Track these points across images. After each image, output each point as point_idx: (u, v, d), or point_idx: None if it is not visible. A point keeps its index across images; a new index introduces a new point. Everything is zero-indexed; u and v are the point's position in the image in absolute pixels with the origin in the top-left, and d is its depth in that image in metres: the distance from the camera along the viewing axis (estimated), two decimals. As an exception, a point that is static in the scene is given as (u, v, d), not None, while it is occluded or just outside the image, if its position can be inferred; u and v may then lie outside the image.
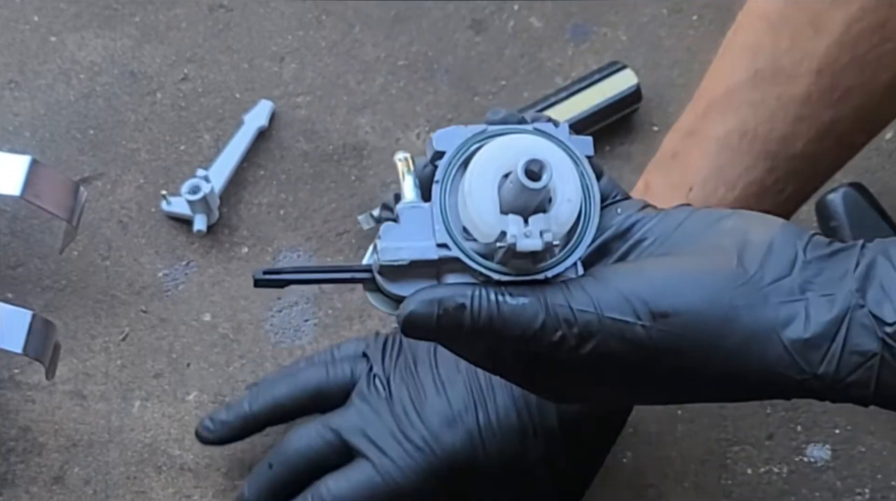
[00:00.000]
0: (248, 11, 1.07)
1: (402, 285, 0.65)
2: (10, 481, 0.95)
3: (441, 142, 0.66)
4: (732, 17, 1.05)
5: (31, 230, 1.01)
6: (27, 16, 1.07)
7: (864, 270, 0.63)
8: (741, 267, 0.63)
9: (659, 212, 0.68)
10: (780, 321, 0.62)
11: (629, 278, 0.64)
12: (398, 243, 0.65)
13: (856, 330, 0.62)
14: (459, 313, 0.64)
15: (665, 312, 0.62)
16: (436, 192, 0.65)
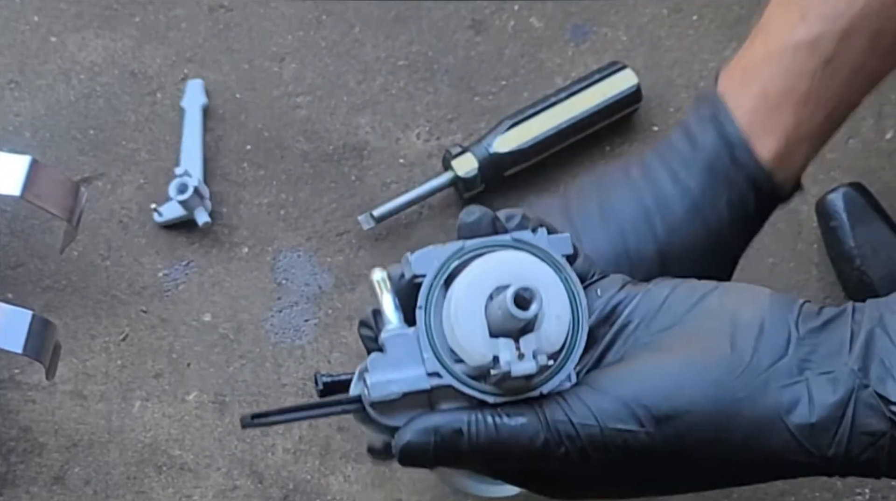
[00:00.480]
0: (248, 11, 1.07)
1: (395, 417, 0.64)
2: (10, 481, 0.95)
3: (419, 265, 0.64)
4: (732, 17, 1.06)
5: (32, 230, 1.01)
6: (27, 16, 1.07)
7: (862, 345, 0.62)
8: (736, 353, 0.62)
9: (639, 288, 0.67)
10: (784, 406, 0.61)
11: (627, 384, 0.62)
12: (388, 376, 0.63)
13: (862, 411, 0.61)
14: (457, 438, 0.62)
15: (667, 415, 0.61)
16: (420, 318, 0.64)
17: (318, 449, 0.96)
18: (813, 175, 1.01)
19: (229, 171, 1.02)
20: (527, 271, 0.62)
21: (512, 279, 0.61)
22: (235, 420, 0.96)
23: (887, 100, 1.03)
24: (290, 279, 1.00)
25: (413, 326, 0.64)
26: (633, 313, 0.65)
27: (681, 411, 0.61)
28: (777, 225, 1.00)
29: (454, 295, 0.62)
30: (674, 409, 0.61)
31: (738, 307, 0.64)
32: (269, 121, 1.04)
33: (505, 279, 0.61)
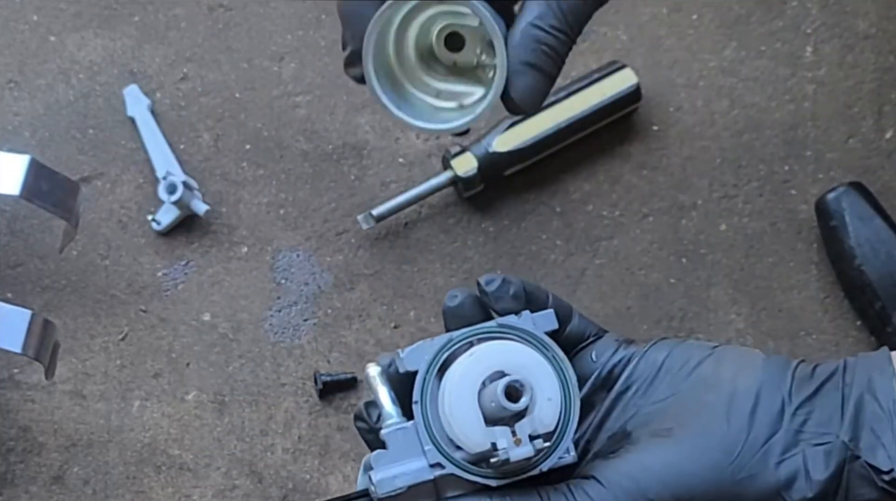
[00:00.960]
0: (248, 11, 1.07)
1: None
2: (9, 480, 0.95)
3: (411, 361, 0.67)
4: (732, 17, 1.06)
5: (31, 230, 1.01)
6: (27, 16, 1.07)
7: (852, 414, 0.63)
8: (732, 430, 0.64)
9: (634, 349, 0.68)
10: (783, 482, 0.63)
11: (630, 477, 0.64)
12: (392, 472, 0.65)
13: (855, 482, 0.63)
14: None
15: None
16: (417, 412, 0.66)
17: (318, 449, 0.95)
18: (813, 175, 1.01)
19: (229, 170, 1.02)
20: (515, 359, 0.65)
21: (501, 368, 0.64)
22: (235, 420, 0.96)
23: (887, 100, 1.03)
24: (289, 279, 1.00)
25: (411, 416, 0.67)
26: (630, 378, 0.67)
27: (683, 499, 0.63)
28: (777, 225, 1.00)
29: (447, 389, 0.65)
30: (677, 499, 0.63)
31: (734, 377, 0.65)
32: (269, 120, 1.04)
33: (494, 369, 0.64)
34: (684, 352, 0.67)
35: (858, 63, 1.04)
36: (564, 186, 1.01)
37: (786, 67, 1.04)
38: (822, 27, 1.05)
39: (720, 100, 1.03)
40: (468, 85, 0.72)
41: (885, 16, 1.05)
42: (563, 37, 0.67)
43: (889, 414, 0.63)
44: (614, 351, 0.68)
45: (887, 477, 0.62)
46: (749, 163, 1.02)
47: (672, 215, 1.01)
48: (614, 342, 0.69)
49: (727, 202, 1.01)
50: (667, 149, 1.02)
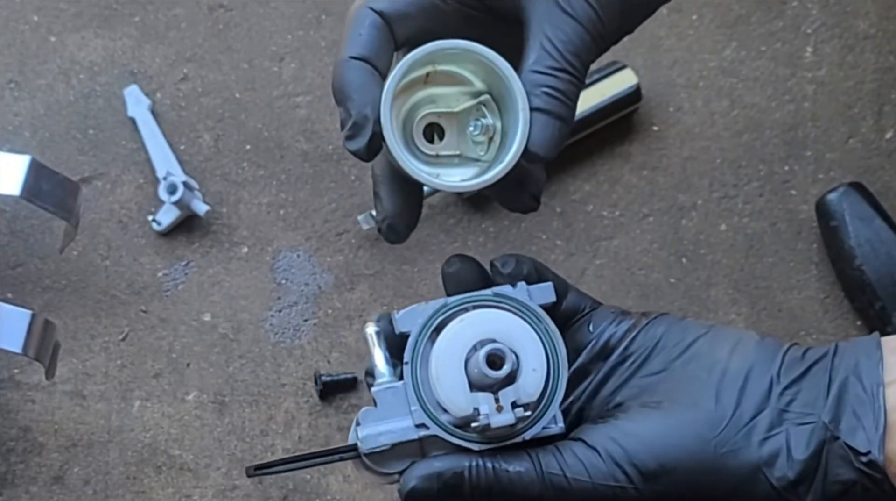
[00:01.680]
0: (248, 11, 1.07)
1: (389, 465, 0.67)
2: (10, 481, 0.95)
3: (404, 323, 0.68)
4: (732, 17, 1.06)
5: (31, 230, 1.01)
6: (27, 16, 1.07)
7: (836, 395, 0.64)
8: (720, 407, 0.65)
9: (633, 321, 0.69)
10: (764, 459, 0.64)
11: (619, 442, 0.65)
12: (378, 429, 0.67)
13: (834, 462, 0.64)
14: (458, 483, 0.66)
15: (655, 472, 0.64)
16: (407, 373, 0.67)
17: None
18: (813, 175, 1.02)
19: (229, 171, 1.02)
20: (503, 328, 0.66)
21: (489, 336, 0.65)
22: (235, 420, 0.96)
23: (887, 100, 1.03)
24: (289, 279, 1.00)
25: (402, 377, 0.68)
26: (627, 350, 0.69)
27: (668, 468, 0.64)
28: (777, 225, 1.00)
29: (436, 352, 0.66)
30: (661, 466, 0.64)
31: (727, 356, 0.67)
32: (269, 121, 1.04)
33: (483, 337, 0.66)
34: (681, 329, 0.69)
35: (858, 63, 1.04)
36: (564, 186, 1.01)
37: (786, 67, 1.04)
38: (823, 27, 1.05)
39: (720, 100, 1.03)
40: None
41: (885, 16, 1.05)
42: (565, 76, 0.66)
43: (871, 397, 0.64)
44: (611, 322, 0.70)
45: (865, 459, 0.63)
46: (749, 163, 1.02)
47: (672, 215, 1.01)
48: (611, 313, 0.70)
49: (727, 202, 1.01)
50: (667, 149, 1.02)
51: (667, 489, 0.65)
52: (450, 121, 0.68)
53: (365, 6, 0.67)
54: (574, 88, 0.67)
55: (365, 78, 0.66)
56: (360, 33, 0.66)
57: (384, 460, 0.67)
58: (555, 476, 0.65)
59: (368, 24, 0.66)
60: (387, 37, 0.67)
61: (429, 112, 0.68)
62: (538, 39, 0.66)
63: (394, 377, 0.68)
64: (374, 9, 0.66)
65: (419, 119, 0.68)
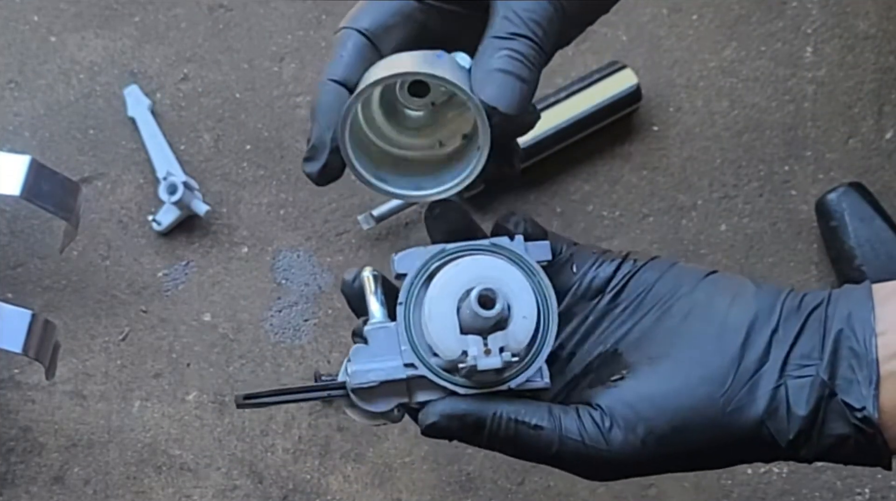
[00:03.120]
0: (248, 11, 1.07)
1: (376, 403, 0.68)
2: (10, 481, 0.95)
3: (402, 264, 0.69)
4: (732, 17, 1.06)
5: (31, 230, 1.01)
6: (27, 16, 1.07)
7: (832, 349, 0.65)
8: (724, 363, 0.66)
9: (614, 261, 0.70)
10: (767, 415, 0.66)
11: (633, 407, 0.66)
12: (367, 366, 0.67)
13: (831, 417, 0.65)
14: (478, 429, 0.67)
15: (668, 435, 0.66)
16: (400, 313, 0.68)
17: (318, 449, 0.96)
18: (813, 175, 1.02)
19: (229, 171, 1.02)
20: (497, 275, 0.67)
21: (482, 282, 0.66)
22: (235, 420, 0.96)
23: (887, 100, 1.03)
24: (289, 279, 1.00)
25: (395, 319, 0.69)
26: (619, 295, 0.70)
27: (680, 430, 0.66)
28: (777, 225, 1.00)
29: (430, 294, 0.67)
30: (674, 429, 0.66)
31: (727, 308, 0.67)
32: (269, 121, 1.04)
33: (476, 282, 0.66)
34: (676, 276, 0.69)
35: (858, 63, 1.04)
36: (564, 186, 1.01)
37: (786, 67, 1.04)
38: (822, 27, 1.05)
39: (720, 100, 1.03)
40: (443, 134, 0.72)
41: (885, 16, 1.05)
42: (524, 40, 0.67)
43: (865, 349, 0.65)
44: (594, 263, 0.70)
45: (860, 415, 0.64)
46: (749, 163, 1.02)
47: (672, 215, 1.01)
48: (592, 253, 0.71)
49: (727, 203, 1.01)
50: (667, 149, 1.02)
51: (677, 449, 0.66)
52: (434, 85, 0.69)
53: (348, 27, 0.68)
54: (535, 53, 0.68)
55: (335, 102, 0.67)
56: (342, 55, 0.68)
57: (371, 397, 0.68)
58: (573, 441, 0.66)
59: (351, 46, 0.68)
60: (369, 56, 0.68)
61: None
62: (500, 11, 0.67)
63: (386, 319, 0.69)
64: (356, 28, 0.68)
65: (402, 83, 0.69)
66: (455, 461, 0.95)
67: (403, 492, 0.94)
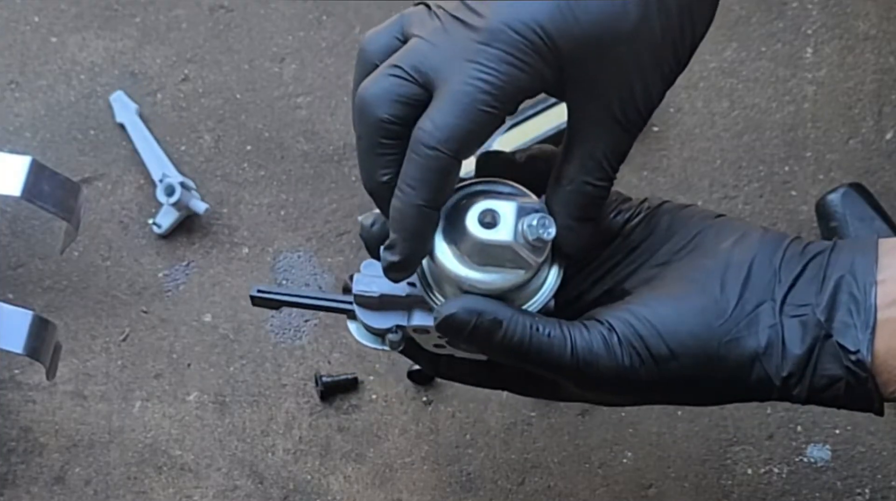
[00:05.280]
0: (249, 12, 1.07)
1: (374, 317, 0.69)
2: (10, 481, 0.95)
3: None
4: (732, 18, 1.06)
5: (32, 231, 1.01)
6: (28, 16, 1.07)
7: (831, 293, 0.67)
8: (724, 296, 0.67)
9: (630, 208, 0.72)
10: (762, 350, 0.67)
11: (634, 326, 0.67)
12: (373, 277, 0.69)
13: (824, 358, 0.66)
14: (494, 329, 0.67)
15: (665, 357, 0.67)
16: None
17: (318, 449, 0.96)
18: (813, 176, 1.02)
19: (229, 171, 1.03)
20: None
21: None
22: (236, 421, 0.96)
23: (887, 101, 1.03)
24: (290, 280, 1.00)
25: None
26: (631, 239, 0.72)
27: (676, 353, 0.67)
28: (777, 225, 1.00)
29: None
30: (670, 351, 0.67)
31: (731, 247, 0.69)
32: (270, 121, 1.04)
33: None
34: (685, 218, 0.71)
35: (858, 64, 1.04)
36: (565, 186, 1.01)
37: (786, 68, 1.04)
38: (823, 28, 1.05)
39: (720, 101, 1.03)
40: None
41: (885, 17, 1.05)
42: (605, 183, 0.69)
43: (864, 294, 0.66)
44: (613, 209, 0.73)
45: (853, 358, 0.66)
46: (749, 164, 1.02)
47: (672, 215, 1.01)
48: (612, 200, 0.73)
49: (727, 203, 1.01)
50: (667, 150, 1.02)
51: (672, 373, 0.67)
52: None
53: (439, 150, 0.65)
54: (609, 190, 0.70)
55: (430, 227, 0.67)
56: (432, 180, 0.66)
57: (371, 309, 0.69)
58: (583, 350, 0.67)
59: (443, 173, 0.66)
60: (457, 174, 0.67)
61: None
62: (583, 146, 0.68)
63: None
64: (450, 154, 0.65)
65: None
66: (455, 461, 0.95)
67: (404, 492, 0.94)
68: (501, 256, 0.66)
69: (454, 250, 0.67)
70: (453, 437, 0.95)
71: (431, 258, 0.68)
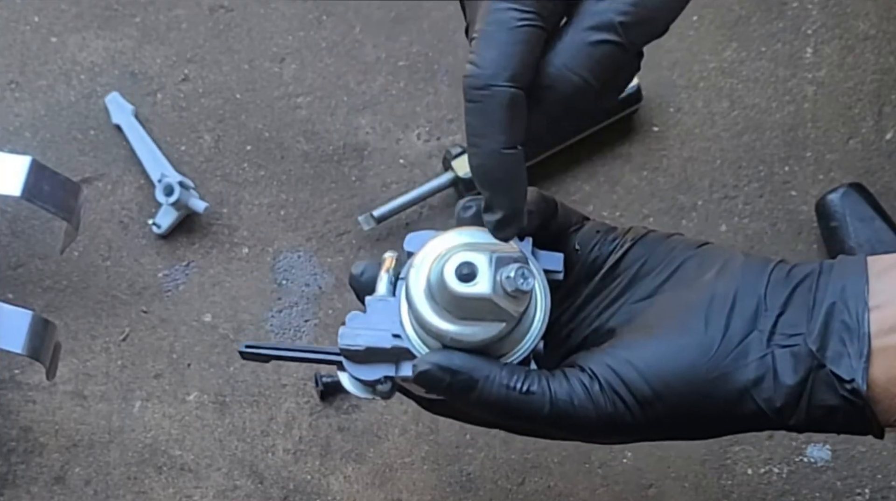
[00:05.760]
0: (249, 12, 1.07)
1: (362, 369, 0.68)
2: (11, 481, 0.95)
3: (410, 243, 0.69)
4: (732, 18, 1.06)
5: (32, 231, 1.01)
6: (28, 17, 1.07)
7: (822, 321, 0.65)
8: (709, 332, 0.66)
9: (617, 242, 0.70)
10: (752, 381, 0.65)
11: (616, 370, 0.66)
12: (358, 330, 0.68)
13: (819, 388, 0.65)
14: (469, 387, 0.66)
15: (650, 399, 0.65)
16: (399, 287, 0.68)
17: (318, 449, 0.96)
18: (813, 176, 1.02)
19: (229, 171, 1.03)
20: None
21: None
22: (236, 421, 0.96)
23: (887, 100, 1.03)
24: (290, 280, 1.00)
25: None
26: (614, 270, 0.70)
27: (661, 395, 0.65)
28: (777, 225, 1.00)
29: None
30: (655, 393, 0.65)
31: (714, 279, 0.67)
32: (270, 121, 1.04)
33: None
34: (668, 249, 0.70)
35: (858, 64, 1.04)
36: (564, 186, 1.01)
37: (786, 68, 1.04)
38: (823, 28, 1.05)
39: (720, 101, 1.03)
40: None
41: (885, 17, 1.05)
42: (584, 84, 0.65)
43: (857, 323, 0.65)
44: (598, 241, 0.71)
45: (849, 386, 0.64)
46: (749, 164, 1.02)
47: (672, 215, 1.01)
48: (595, 233, 0.71)
49: (727, 203, 1.01)
50: (667, 150, 1.02)
51: (660, 413, 0.66)
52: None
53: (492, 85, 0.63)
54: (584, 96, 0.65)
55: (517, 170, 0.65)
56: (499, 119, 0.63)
57: (360, 364, 0.68)
58: (563, 402, 0.66)
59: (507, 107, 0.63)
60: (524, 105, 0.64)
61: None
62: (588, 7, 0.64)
63: (389, 294, 0.69)
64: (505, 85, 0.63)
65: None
66: (455, 461, 0.95)
67: (404, 492, 0.94)
68: (481, 308, 0.65)
69: (433, 304, 0.66)
70: (453, 437, 0.95)
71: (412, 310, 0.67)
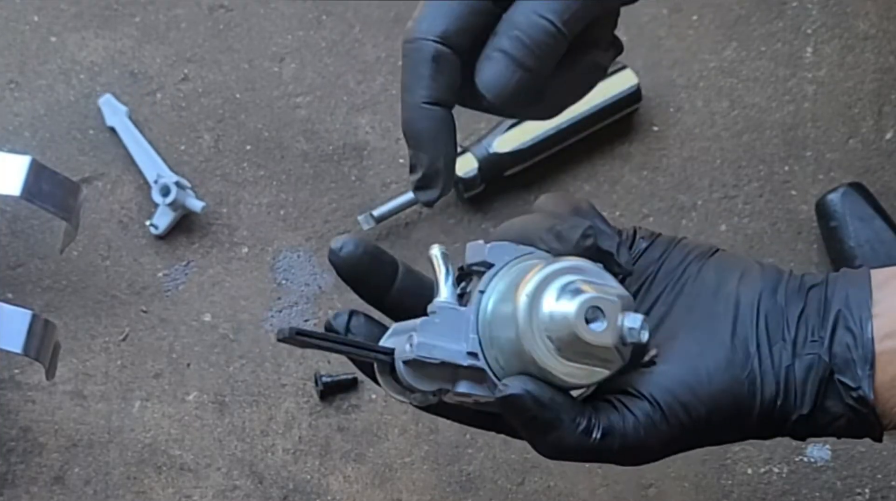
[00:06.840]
0: (249, 12, 1.07)
1: (421, 380, 0.66)
2: (10, 481, 0.95)
3: (493, 255, 0.67)
4: (732, 17, 1.06)
5: (32, 230, 1.01)
6: (27, 16, 1.07)
7: (831, 330, 0.66)
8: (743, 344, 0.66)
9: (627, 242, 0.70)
10: (776, 396, 0.66)
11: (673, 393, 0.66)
12: (434, 341, 0.65)
13: (830, 396, 0.66)
14: (554, 427, 0.65)
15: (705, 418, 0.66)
16: (477, 300, 0.66)
17: (318, 450, 0.96)
18: (813, 175, 1.02)
19: (229, 171, 1.03)
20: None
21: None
22: (235, 420, 0.96)
23: (887, 100, 1.03)
24: (289, 279, 1.00)
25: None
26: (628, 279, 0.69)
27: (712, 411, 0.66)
28: (777, 225, 1.00)
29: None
30: (707, 411, 0.66)
31: (736, 287, 0.68)
32: (269, 121, 1.04)
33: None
34: (682, 254, 0.70)
35: (858, 64, 1.04)
36: (564, 186, 1.01)
37: (786, 67, 1.04)
38: (823, 28, 1.05)
39: (720, 100, 1.03)
40: None
41: (885, 16, 1.05)
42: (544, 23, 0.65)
43: (861, 329, 0.65)
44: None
45: (855, 395, 0.65)
46: (749, 163, 1.02)
47: (672, 215, 1.01)
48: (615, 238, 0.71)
49: (727, 203, 1.01)
50: (667, 149, 1.02)
51: (707, 427, 0.66)
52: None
53: (420, 38, 0.64)
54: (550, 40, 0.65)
55: (438, 126, 0.64)
56: (423, 73, 0.64)
57: (420, 373, 0.66)
58: (631, 437, 0.65)
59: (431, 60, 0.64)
60: (452, 66, 0.64)
61: None
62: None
63: (455, 300, 0.66)
64: (433, 39, 0.64)
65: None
66: (455, 461, 0.95)
67: (404, 492, 0.94)
68: (594, 354, 0.64)
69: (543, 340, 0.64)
70: (453, 437, 0.95)
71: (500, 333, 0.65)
